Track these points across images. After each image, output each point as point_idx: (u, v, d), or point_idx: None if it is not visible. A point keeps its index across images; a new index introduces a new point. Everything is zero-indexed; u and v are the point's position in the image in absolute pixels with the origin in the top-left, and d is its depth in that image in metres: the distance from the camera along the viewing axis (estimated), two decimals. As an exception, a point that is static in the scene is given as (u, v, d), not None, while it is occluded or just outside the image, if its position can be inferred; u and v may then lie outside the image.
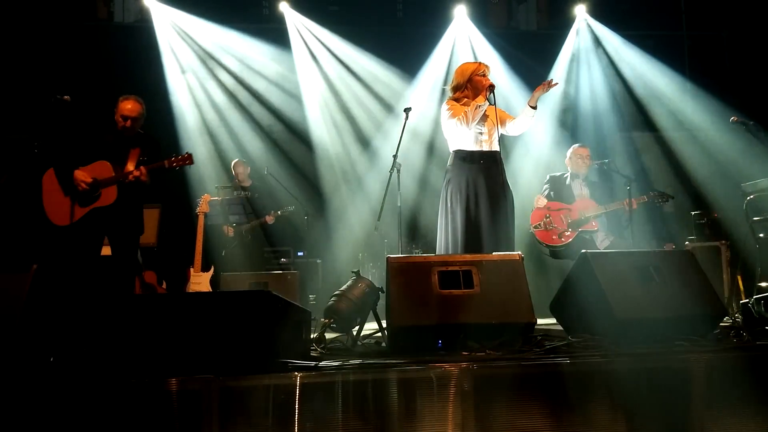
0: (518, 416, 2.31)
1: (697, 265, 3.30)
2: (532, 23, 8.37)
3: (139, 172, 4.16)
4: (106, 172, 4.20)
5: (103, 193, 4.19)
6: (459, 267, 3.07)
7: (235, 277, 5.42)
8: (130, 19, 7.65)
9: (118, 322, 2.60)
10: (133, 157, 4.23)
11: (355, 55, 7.70)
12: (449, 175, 4.20)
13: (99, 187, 4.17)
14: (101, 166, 4.20)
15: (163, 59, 7.41)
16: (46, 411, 2.20)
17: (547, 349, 2.77)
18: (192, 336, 2.47)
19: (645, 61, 7.82)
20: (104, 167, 4.20)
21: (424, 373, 2.34)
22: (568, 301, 3.34)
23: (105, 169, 4.20)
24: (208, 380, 2.24)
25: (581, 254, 3.24)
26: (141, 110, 4.30)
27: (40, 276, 2.84)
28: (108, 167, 4.20)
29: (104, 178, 4.19)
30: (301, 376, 2.28)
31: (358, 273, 3.43)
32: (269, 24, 7.71)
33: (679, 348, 2.70)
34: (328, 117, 7.78)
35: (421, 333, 2.92)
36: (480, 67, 4.19)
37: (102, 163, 4.20)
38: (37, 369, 2.56)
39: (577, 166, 5.49)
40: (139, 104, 4.31)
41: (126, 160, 4.23)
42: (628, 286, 3.07)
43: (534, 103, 4.12)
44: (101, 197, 4.19)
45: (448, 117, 4.13)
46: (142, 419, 2.21)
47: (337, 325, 3.24)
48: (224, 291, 5.01)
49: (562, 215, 5.34)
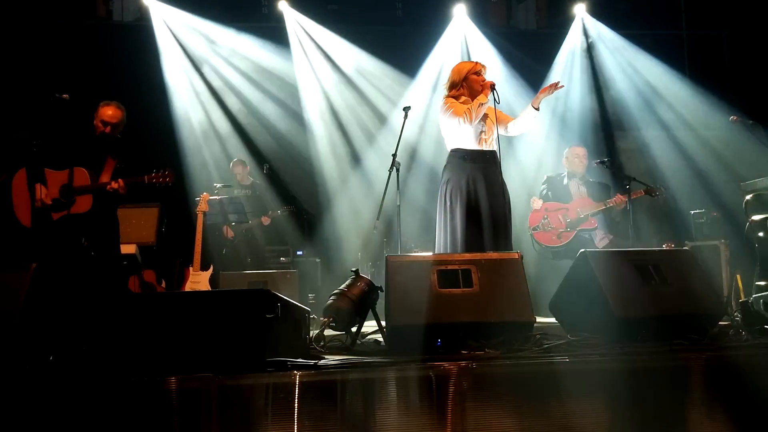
0: (517, 415, 2.30)
1: (697, 264, 3.31)
2: (531, 22, 8.37)
3: (117, 185, 4.13)
4: (82, 180, 4.18)
5: (78, 200, 4.17)
6: (458, 266, 3.07)
7: (234, 276, 5.42)
8: (129, 18, 7.64)
9: (118, 320, 2.60)
10: (109, 166, 4.22)
11: (354, 54, 7.70)
12: (448, 173, 4.17)
13: (74, 194, 4.15)
14: (78, 173, 4.17)
15: (161, 58, 7.41)
16: (45, 409, 2.20)
17: (545, 348, 2.77)
18: (191, 335, 2.46)
19: (644, 60, 7.83)
20: (81, 174, 4.18)
21: (423, 372, 2.34)
22: (567, 300, 3.34)
23: (82, 176, 4.18)
24: (207, 379, 2.23)
25: (580, 253, 3.25)
26: (122, 117, 4.29)
27: (39, 274, 2.84)
28: (85, 174, 4.18)
29: (80, 185, 4.16)
30: (300, 374, 2.28)
31: (357, 272, 3.42)
32: (268, 23, 7.71)
33: (678, 347, 2.69)
34: (327, 116, 7.78)
35: (420, 332, 2.91)
36: (476, 66, 4.17)
37: (79, 170, 4.17)
38: (37, 367, 2.55)
39: (574, 166, 5.49)
40: (120, 111, 4.28)
41: (102, 166, 4.22)
42: (627, 284, 3.07)
43: (537, 104, 4.10)
44: (76, 204, 4.17)
45: (449, 115, 4.08)
46: (142, 418, 2.21)
47: (337, 323, 3.24)
48: (222, 290, 5.00)
49: (560, 215, 5.34)
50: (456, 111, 4.05)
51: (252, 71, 7.65)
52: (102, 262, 4.22)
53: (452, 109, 4.07)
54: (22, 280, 2.78)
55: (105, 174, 4.21)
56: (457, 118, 4.02)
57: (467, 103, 4.09)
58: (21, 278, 2.78)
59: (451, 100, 4.15)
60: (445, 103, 4.15)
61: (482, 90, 4.06)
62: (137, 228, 5.71)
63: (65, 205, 4.15)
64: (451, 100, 4.15)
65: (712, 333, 3.05)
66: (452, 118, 4.06)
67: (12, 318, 2.66)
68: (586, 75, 8.01)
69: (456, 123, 4.04)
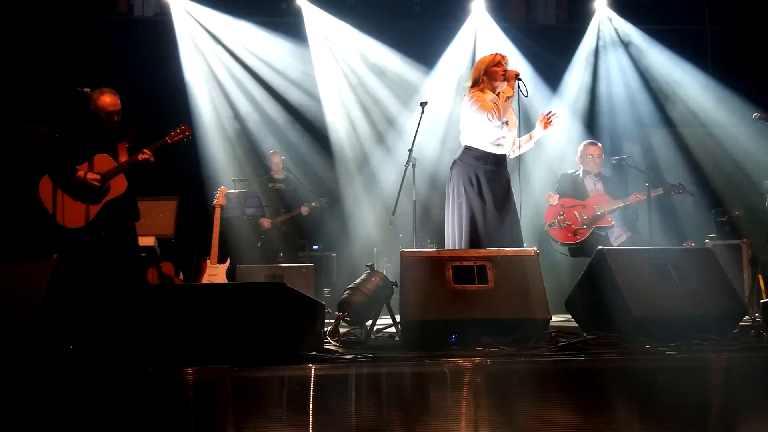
0: (531, 413, 2.29)
1: (717, 263, 3.26)
2: (551, 17, 8.29)
3: (146, 154, 4.18)
4: (108, 164, 4.21)
5: (112, 185, 4.21)
6: (473, 262, 3.06)
7: (250, 269, 5.45)
8: (149, 13, 7.71)
9: (136, 311, 2.63)
10: (122, 148, 4.25)
11: (371, 49, 7.69)
12: (459, 168, 4.11)
13: (107, 179, 4.19)
14: (101, 160, 4.21)
15: (181, 52, 7.47)
16: (64, 397, 2.24)
17: (561, 345, 2.76)
18: (207, 326, 2.49)
19: (666, 55, 7.72)
20: (105, 160, 4.21)
21: (437, 368, 2.34)
22: (584, 298, 3.32)
23: (106, 161, 4.21)
24: (222, 370, 2.26)
25: (598, 251, 3.21)
26: (119, 102, 4.27)
27: (60, 265, 2.88)
28: (109, 159, 4.21)
29: (109, 169, 4.20)
30: (315, 368, 2.30)
31: (372, 267, 3.43)
32: (286, 18, 7.73)
33: (697, 347, 2.66)
34: (344, 110, 7.79)
35: (435, 327, 2.91)
36: (495, 58, 4.08)
37: (101, 156, 4.21)
38: (57, 356, 2.60)
39: (587, 165, 5.42)
40: (117, 96, 4.27)
41: (117, 151, 4.25)
42: (646, 283, 3.04)
43: (537, 137, 4.19)
44: (111, 189, 4.20)
45: (476, 109, 3.98)
46: (158, 407, 2.24)
47: (351, 318, 3.25)
48: (238, 282, 5.04)
49: (576, 212, 5.26)
50: (483, 105, 3.96)
51: (269, 66, 7.67)
52: (121, 254, 4.26)
53: (479, 103, 3.98)
54: (43, 270, 2.82)
55: (122, 157, 4.24)
56: (485, 113, 3.94)
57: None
58: (43, 269, 2.82)
59: (478, 93, 4.05)
60: (472, 97, 4.04)
61: (504, 80, 4.00)
62: (156, 221, 5.78)
63: (103, 192, 4.19)
64: (478, 93, 4.04)
65: (732, 333, 3.01)
66: (480, 112, 3.97)
67: (33, 308, 2.70)
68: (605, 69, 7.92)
69: (484, 118, 3.96)
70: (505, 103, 3.95)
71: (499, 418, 2.29)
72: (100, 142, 4.24)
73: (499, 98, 3.97)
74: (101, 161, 4.21)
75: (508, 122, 4.11)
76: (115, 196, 4.20)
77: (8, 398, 2.23)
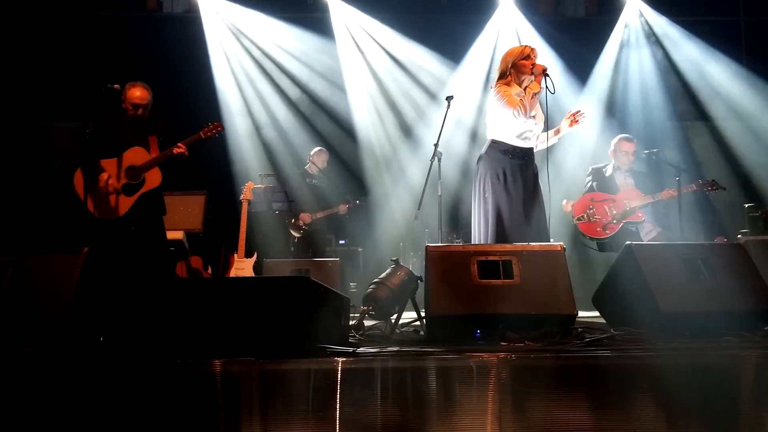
0: (556, 408, 2.28)
1: (749, 259, 3.19)
2: (580, 10, 8.16)
3: (181, 149, 4.24)
4: (143, 157, 4.26)
5: (147, 178, 4.27)
6: (499, 257, 3.04)
7: (277, 263, 5.51)
8: (178, 10, 7.81)
9: (165, 305, 2.68)
10: (153, 142, 4.30)
11: (398, 43, 7.69)
12: (486, 163, 4.07)
13: (142, 172, 4.26)
14: (135, 153, 4.26)
15: (209, 49, 7.56)
16: (94, 388, 2.29)
17: (587, 341, 2.73)
18: (234, 319, 2.52)
19: (699, 47, 7.54)
20: (139, 153, 4.26)
21: (462, 362, 2.34)
22: (612, 294, 3.28)
23: (140, 154, 4.26)
24: (249, 363, 2.29)
25: (626, 245, 3.17)
26: (150, 97, 4.33)
27: (91, 258, 2.94)
28: (143, 152, 4.26)
29: (144, 162, 4.25)
30: (342, 361, 2.31)
31: (397, 261, 3.44)
32: (313, 13, 7.76)
33: (727, 344, 2.61)
34: (371, 105, 7.80)
35: (460, 322, 2.91)
36: (524, 51, 4.02)
37: (135, 150, 4.26)
38: (87, 348, 2.66)
39: (619, 160, 5.33)
40: (148, 91, 4.33)
41: (148, 144, 4.30)
42: (675, 279, 2.99)
43: (563, 134, 4.14)
44: (146, 182, 4.27)
45: (502, 104, 3.93)
46: (186, 399, 2.28)
47: (376, 312, 3.26)
48: (265, 276, 5.09)
49: (606, 206, 5.18)
50: (510, 101, 3.90)
51: (297, 61, 7.72)
52: (151, 248, 4.34)
53: (505, 99, 3.92)
54: (75, 263, 2.89)
55: (153, 150, 4.30)
56: (512, 109, 3.89)
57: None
58: (74, 262, 2.89)
59: (504, 87, 3.99)
60: (498, 91, 3.99)
61: (532, 74, 3.95)
62: (185, 215, 5.87)
63: (137, 185, 4.26)
64: (504, 88, 3.99)
65: (764, 330, 2.94)
66: (506, 108, 3.92)
67: (65, 300, 2.77)
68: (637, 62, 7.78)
69: (510, 114, 3.91)
70: (532, 100, 3.89)
71: (524, 414, 2.27)
72: (131, 136, 4.30)
73: (526, 94, 3.92)
74: (136, 154, 4.27)
75: (535, 116, 4.06)
76: (150, 189, 4.27)
77: (41, 389, 2.29)
